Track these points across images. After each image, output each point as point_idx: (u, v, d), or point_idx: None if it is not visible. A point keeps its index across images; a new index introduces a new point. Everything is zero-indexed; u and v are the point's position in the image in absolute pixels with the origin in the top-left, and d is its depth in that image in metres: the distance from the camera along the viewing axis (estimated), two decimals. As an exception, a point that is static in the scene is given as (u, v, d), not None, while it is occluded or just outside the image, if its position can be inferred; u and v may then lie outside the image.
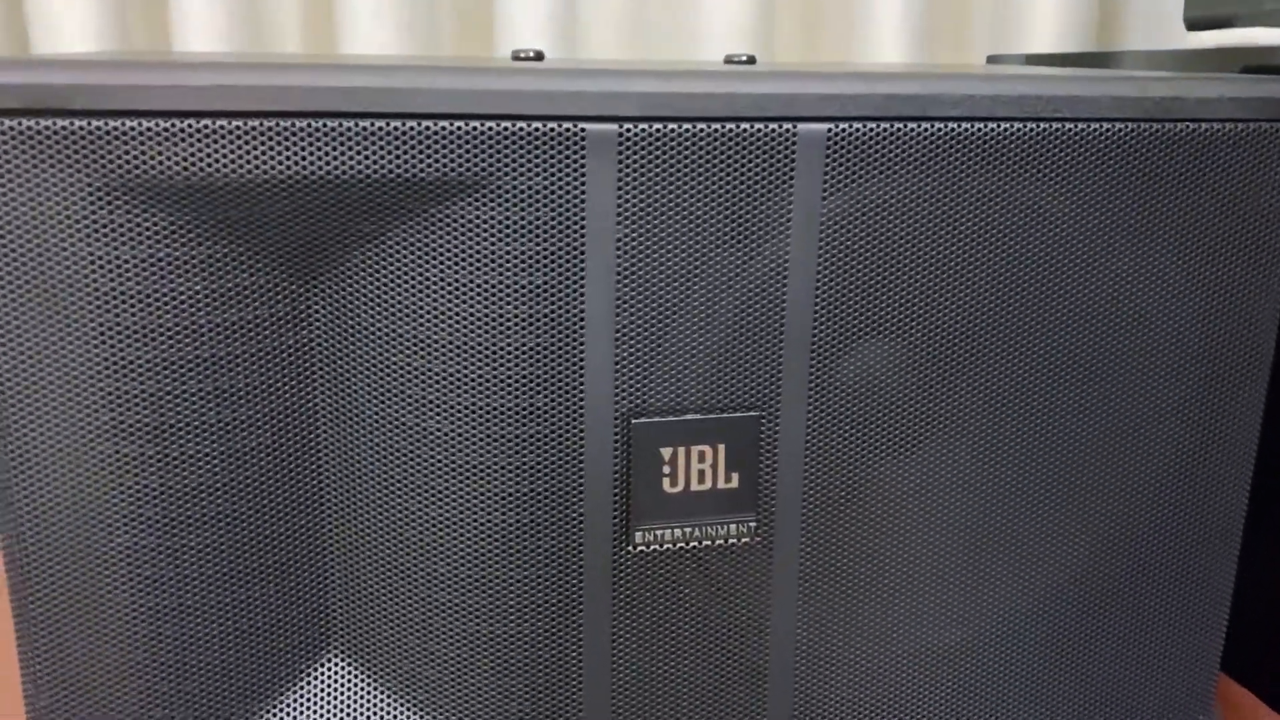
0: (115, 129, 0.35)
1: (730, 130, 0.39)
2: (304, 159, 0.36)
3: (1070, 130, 0.42)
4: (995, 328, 0.44)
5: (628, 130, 0.38)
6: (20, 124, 0.35)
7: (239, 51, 0.78)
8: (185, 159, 0.36)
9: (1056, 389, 0.45)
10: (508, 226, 0.38)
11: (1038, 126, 0.41)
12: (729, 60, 0.51)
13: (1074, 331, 0.44)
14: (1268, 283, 0.46)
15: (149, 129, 0.35)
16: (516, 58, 0.48)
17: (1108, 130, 0.42)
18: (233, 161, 0.36)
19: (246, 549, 0.40)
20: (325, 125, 0.36)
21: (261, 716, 0.42)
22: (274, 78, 0.36)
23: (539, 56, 0.48)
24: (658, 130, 0.38)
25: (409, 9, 0.80)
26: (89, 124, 0.35)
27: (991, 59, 0.88)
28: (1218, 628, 0.50)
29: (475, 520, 0.41)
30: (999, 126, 0.41)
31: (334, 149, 0.36)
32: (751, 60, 0.51)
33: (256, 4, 0.82)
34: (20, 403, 0.37)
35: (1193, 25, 0.67)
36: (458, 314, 0.39)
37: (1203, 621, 0.50)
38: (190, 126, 0.35)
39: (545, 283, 0.39)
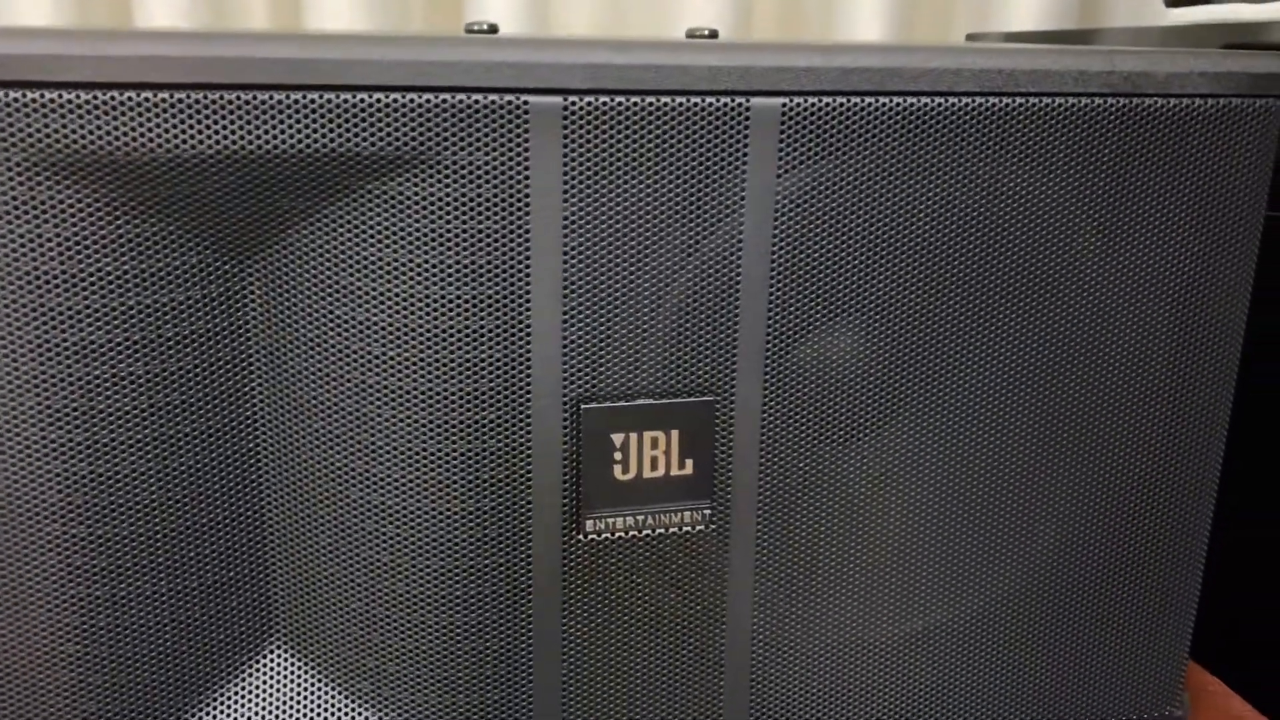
0: (34, 100, 0.33)
1: (680, 104, 0.37)
2: (234, 133, 0.35)
3: (1035, 105, 0.40)
4: (957, 310, 0.42)
5: (573, 103, 0.37)
6: (-66, 95, 0.33)
7: (177, 27, 0.77)
8: (110, 133, 0.34)
9: (1021, 373, 0.44)
10: (448, 203, 0.37)
11: (1000, 101, 0.40)
12: (690, 34, 0.50)
13: (1039, 313, 0.43)
14: (1239, 260, 0.45)
15: (70, 101, 0.34)
16: (469, 30, 0.47)
17: (1073, 105, 0.41)
18: (160, 135, 0.34)
19: (181, 537, 0.39)
20: (255, 98, 0.35)
21: (201, 709, 0.41)
22: (202, 48, 0.34)
23: (493, 30, 0.47)
24: (604, 104, 0.37)
25: (375, -16, 0.78)
26: (6, 95, 0.33)
27: (971, 37, 0.87)
28: (1187, 617, 0.49)
29: (419, 508, 0.39)
30: (960, 101, 0.39)
31: (265, 123, 0.35)
32: (714, 34, 0.49)
33: (219, -21, 0.80)
34: (-61, 387, 0.36)
35: (1173, 2, 0.65)
36: (397, 295, 0.37)
37: (1172, 610, 0.49)
38: (114, 99, 0.34)
39: (488, 262, 0.37)
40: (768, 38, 0.90)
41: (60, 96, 0.34)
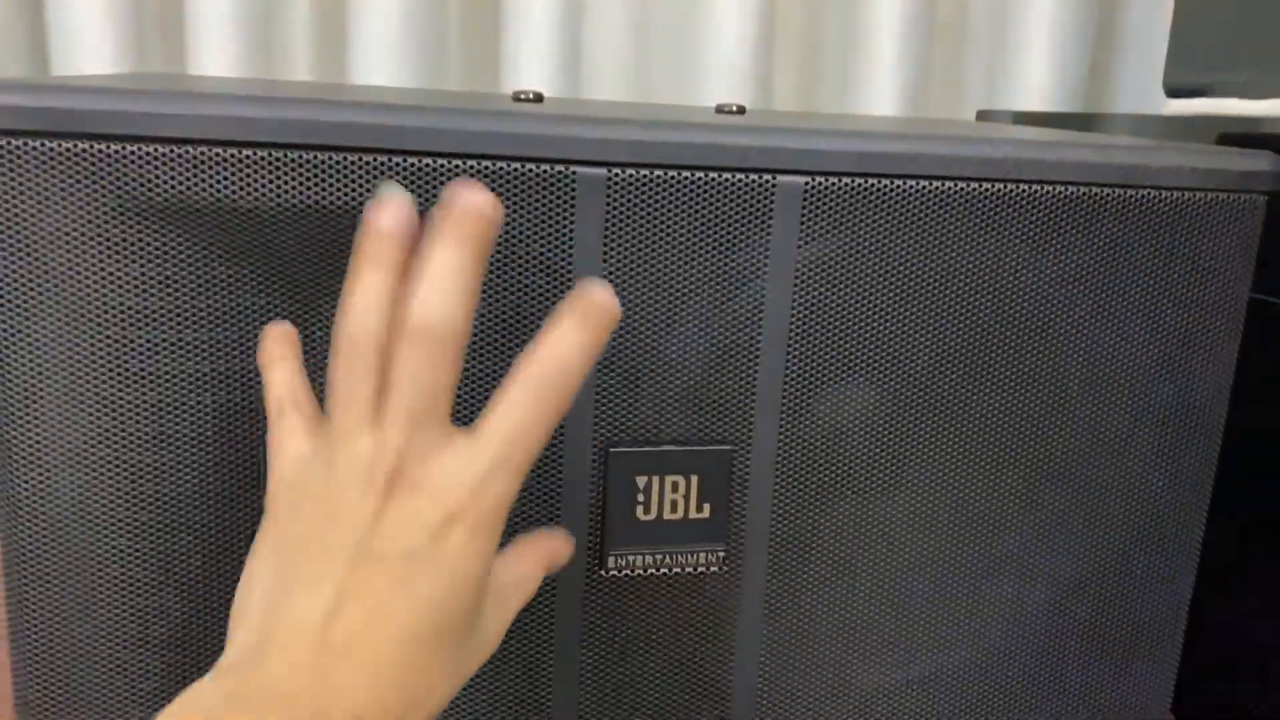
0: (129, 152, 0.37)
1: (713, 179, 0.41)
2: (309, 189, 0.38)
3: (1036, 192, 0.44)
4: (963, 377, 0.46)
5: (616, 175, 0.40)
6: (40, 144, 0.37)
7: (250, 79, 0.81)
8: (195, 184, 0.38)
9: (1021, 437, 0.47)
10: (498, 261, 0.40)
11: (1004, 187, 0.43)
12: (720, 109, 0.54)
13: (1039, 385, 0.46)
14: (1224, 339, 0.48)
15: (162, 154, 0.37)
16: (517, 99, 0.50)
17: (1073, 194, 0.44)
18: (241, 188, 0.38)
19: (234, 556, 0.42)
20: (330, 159, 0.38)
21: None
22: (282, 111, 0.38)
23: (539, 98, 0.51)
24: (644, 175, 0.40)
25: (419, 43, 0.83)
26: (105, 147, 0.37)
27: (981, 114, 0.91)
28: (1169, 670, 0.52)
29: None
30: (967, 186, 0.43)
31: (338, 181, 0.38)
32: (741, 110, 0.53)
33: (270, 31, 0.85)
34: (27, 406, 0.39)
35: (1172, 93, 0.69)
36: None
37: (1156, 664, 0.52)
38: (202, 153, 0.37)
39: (532, 316, 0.41)
40: (790, 105, 0.94)
41: (153, 150, 0.37)
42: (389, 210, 0.34)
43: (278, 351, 0.38)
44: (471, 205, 0.33)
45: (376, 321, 0.33)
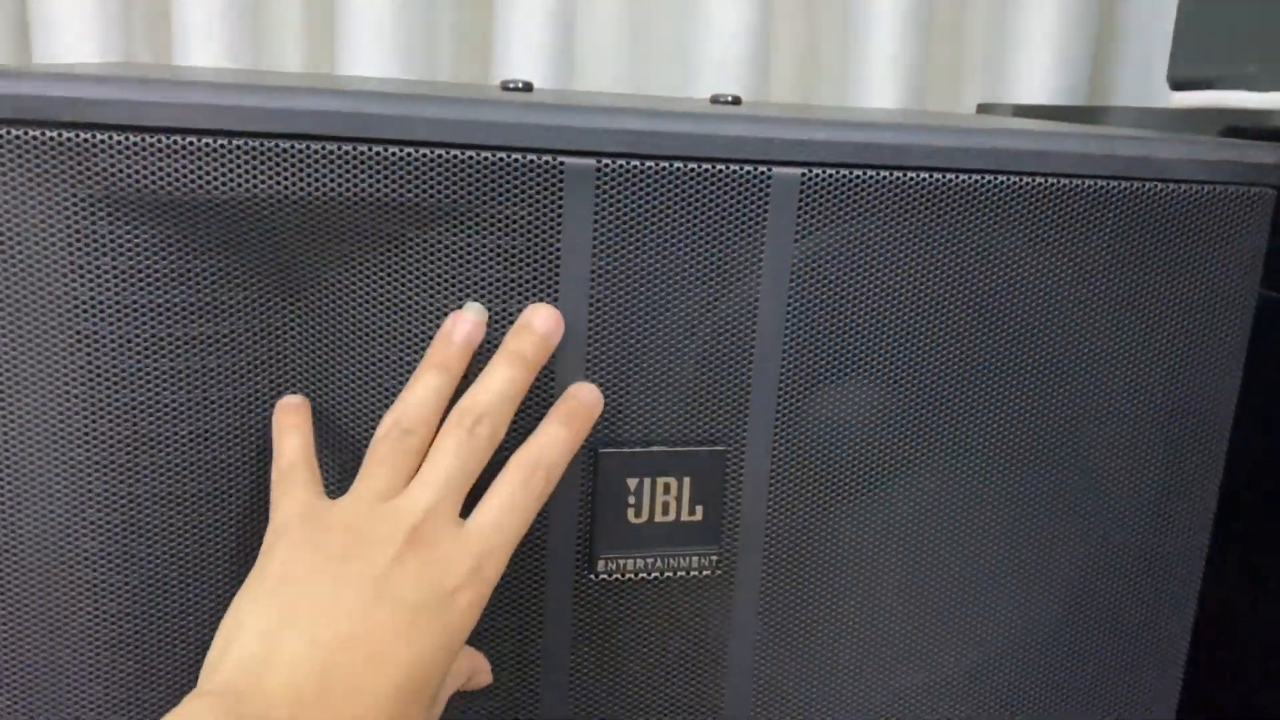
0: (101, 142, 0.36)
1: (706, 170, 0.40)
2: (288, 179, 0.37)
3: (1039, 185, 0.42)
4: (963, 373, 0.44)
5: (605, 165, 0.39)
6: (12, 133, 0.35)
7: (229, 69, 0.79)
8: (170, 174, 0.36)
9: (1023, 435, 0.46)
10: (485, 253, 0.39)
11: (1006, 179, 0.42)
12: (715, 100, 0.52)
13: (1039, 378, 0.45)
14: (1232, 335, 0.47)
15: (135, 143, 0.36)
16: (505, 88, 0.49)
17: (1075, 186, 0.43)
18: (217, 179, 0.37)
19: (213, 557, 0.40)
20: (311, 148, 0.37)
21: None
22: (264, 99, 0.37)
23: (527, 87, 0.49)
24: (635, 167, 0.39)
25: (410, 31, 0.81)
26: (76, 136, 0.36)
27: (982, 108, 0.89)
28: (1174, 676, 0.51)
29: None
30: (968, 178, 0.42)
31: (320, 171, 0.37)
32: (736, 101, 0.52)
33: (258, 22, 0.83)
34: (-5, 406, 0.38)
35: (1176, 85, 0.68)
36: (431, 337, 0.39)
37: (1161, 669, 0.50)
38: (176, 143, 0.36)
39: (519, 310, 0.39)
40: (787, 96, 0.93)
41: (126, 139, 0.36)
42: (465, 326, 0.38)
43: (290, 422, 0.39)
44: (539, 330, 0.39)
45: (430, 414, 0.37)
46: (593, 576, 0.43)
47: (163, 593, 0.40)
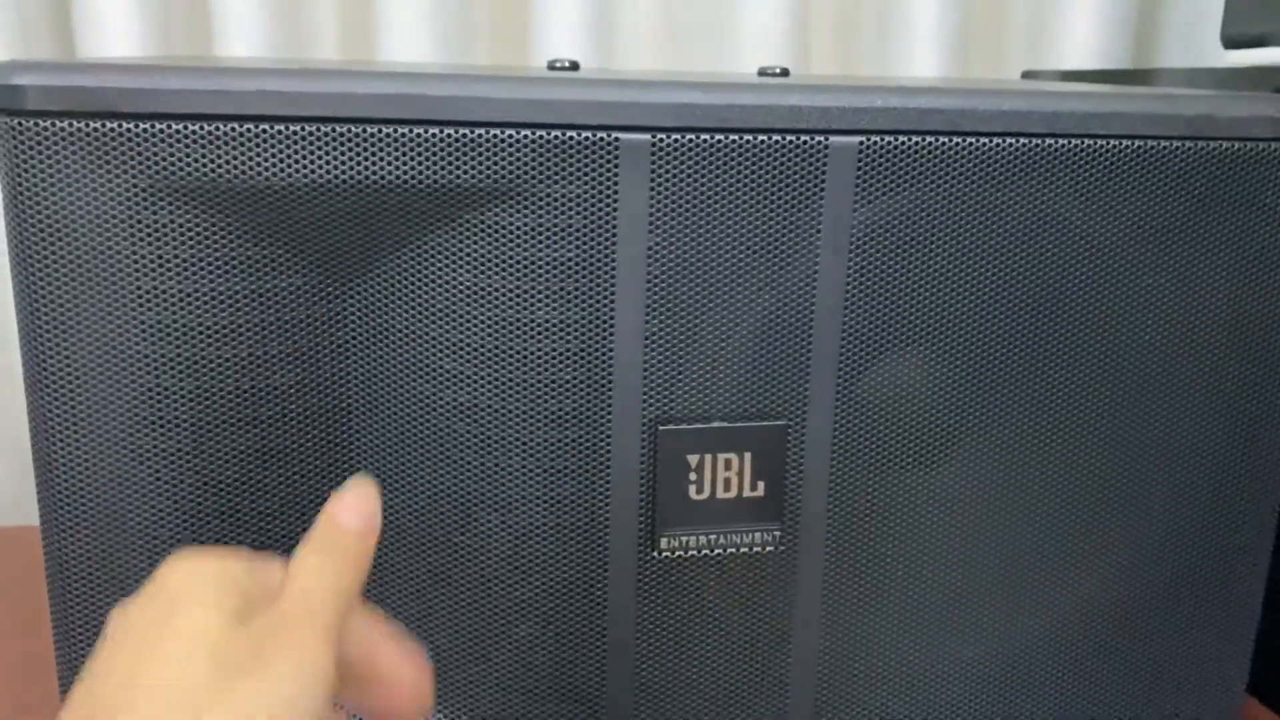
0: (159, 131, 0.36)
1: (762, 141, 0.39)
2: (344, 164, 0.37)
3: (1102, 147, 0.42)
4: (1025, 342, 0.44)
5: (660, 140, 0.38)
6: (69, 125, 0.35)
7: (280, 57, 0.80)
8: (227, 162, 0.36)
9: (1086, 404, 0.45)
10: (541, 232, 0.39)
11: (1069, 143, 0.41)
12: (763, 72, 0.52)
13: (1105, 347, 0.44)
14: (1301, 302, 0.46)
15: (192, 132, 0.36)
16: (552, 67, 0.49)
17: (1140, 148, 0.42)
18: (274, 165, 0.37)
19: (272, 544, 0.41)
20: (365, 131, 0.37)
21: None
22: (316, 84, 0.37)
23: (574, 66, 0.49)
24: (690, 140, 0.39)
25: (446, 16, 0.81)
26: (135, 126, 0.36)
27: (1027, 74, 0.88)
28: (1244, 650, 0.50)
29: (503, 523, 0.41)
30: (1030, 142, 0.41)
31: (374, 155, 0.37)
32: (785, 72, 0.51)
33: (297, 12, 0.83)
34: (64, 393, 0.38)
35: (1230, 43, 0.66)
36: (490, 318, 0.39)
37: (1229, 643, 0.50)
38: (233, 130, 0.36)
39: (576, 288, 0.39)
40: (828, 69, 0.92)
41: (183, 128, 0.36)
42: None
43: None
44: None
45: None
46: (655, 555, 0.42)
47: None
